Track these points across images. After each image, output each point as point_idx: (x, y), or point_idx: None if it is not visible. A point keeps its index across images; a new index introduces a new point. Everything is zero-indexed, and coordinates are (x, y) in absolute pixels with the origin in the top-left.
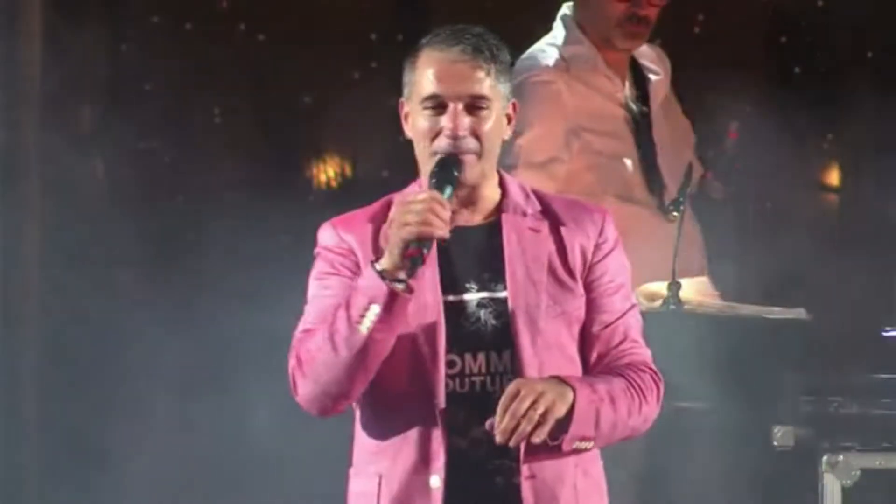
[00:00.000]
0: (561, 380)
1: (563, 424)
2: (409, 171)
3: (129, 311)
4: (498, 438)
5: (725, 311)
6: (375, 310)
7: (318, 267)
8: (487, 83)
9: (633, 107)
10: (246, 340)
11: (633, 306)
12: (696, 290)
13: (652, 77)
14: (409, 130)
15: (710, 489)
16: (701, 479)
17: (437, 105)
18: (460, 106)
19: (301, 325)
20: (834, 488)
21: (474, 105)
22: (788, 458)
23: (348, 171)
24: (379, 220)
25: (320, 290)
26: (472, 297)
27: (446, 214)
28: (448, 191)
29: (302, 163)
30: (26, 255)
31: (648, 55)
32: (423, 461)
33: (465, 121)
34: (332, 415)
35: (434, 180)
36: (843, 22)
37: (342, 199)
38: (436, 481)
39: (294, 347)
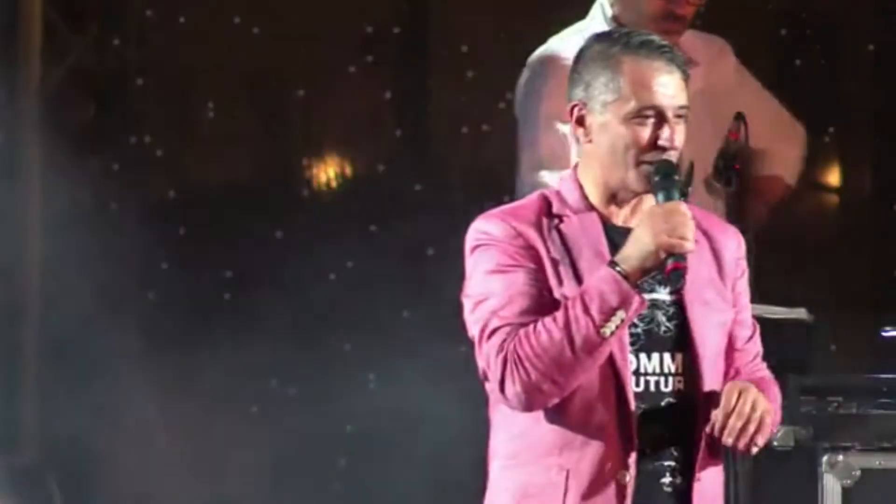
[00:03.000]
0: (753, 383)
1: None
2: (404, 165)
3: (130, 311)
4: (725, 439)
5: None
6: (622, 315)
7: (493, 258)
8: (686, 93)
9: None
10: (243, 334)
11: (755, 323)
12: None
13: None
14: (585, 135)
15: None
16: None
17: (655, 116)
18: (672, 118)
19: (492, 319)
20: (834, 488)
21: (680, 115)
22: (788, 458)
23: (344, 165)
24: (546, 217)
25: (505, 282)
26: (646, 297)
27: (694, 227)
28: (677, 198)
29: (297, 157)
30: (26, 255)
31: (691, 43)
32: (615, 457)
33: (678, 131)
34: (540, 408)
35: (663, 190)
36: (844, 15)
37: (337, 194)
38: (626, 477)
39: (504, 341)
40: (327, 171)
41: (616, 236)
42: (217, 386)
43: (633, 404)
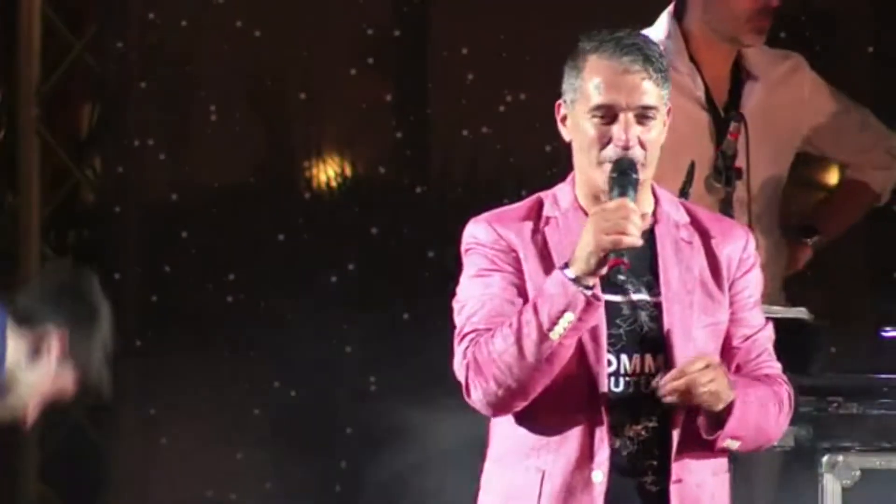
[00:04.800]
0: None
1: (721, 420)
2: (404, 167)
3: (130, 312)
4: (662, 390)
5: None
6: (570, 318)
7: (476, 263)
8: (655, 93)
9: (716, 108)
10: (245, 337)
11: (768, 321)
12: None
13: (749, 82)
14: (567, 133)
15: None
16: None
17: (607, 114)
18: (630, 116)
19: (466, 324)
20: (834, 488)
21: (643, 115)
22: (788, 458)
23: (345, 167)
24: (533, 220)
25: (482, 287)
26: (629, 298)
27: (640, 222)
28: (632, 195)
29: (298, 159)
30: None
31: (754, 58)
32: (587, 457)
33: (635, 130)
34: (506, 414)
35: (617, 187)
36: (844, 17)
37: (338, 196)
38: (598, 476)
39: (466, 348)
40: (328, 174)
41: None
42: (219, 388)
43: (605, 405)
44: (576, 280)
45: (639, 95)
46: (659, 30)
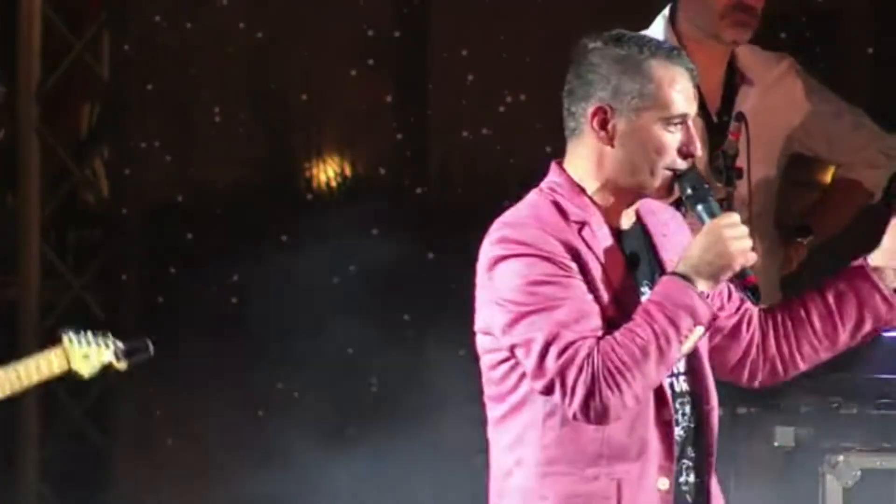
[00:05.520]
0: None
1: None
2: (404, 168)
3: (136, 313)
4: None
5: None
6: (700, 331)
7: (541, 268)
8: None
9: (708, 113)
10: (249, 338)
11: None
12: None
13: (744, 86)
14: (610, 139)
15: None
16: None
17: (681, 122)
18: (691, 124)
19: (569, 332)
20: (834, 488)
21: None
22: (789, 459)
23: (345, 168)
24: (569, 225)
25: (566, 293)
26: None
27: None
28: (717, 208)
29: (300, 161)
30: (26, 255)
31: (749, 61)
32: (657, 465)
33: None
34: (612, 422)
35: (704, 202)
36: (844, 18)
37: (339, 197)
38: (664, 483)
39: (586, 356)
40: (329, 175)
41: (624, 240)
42: (223, 389)
43: (672, 413)
44: (703, 294)
45: (695, 104)
46: (655, 34)
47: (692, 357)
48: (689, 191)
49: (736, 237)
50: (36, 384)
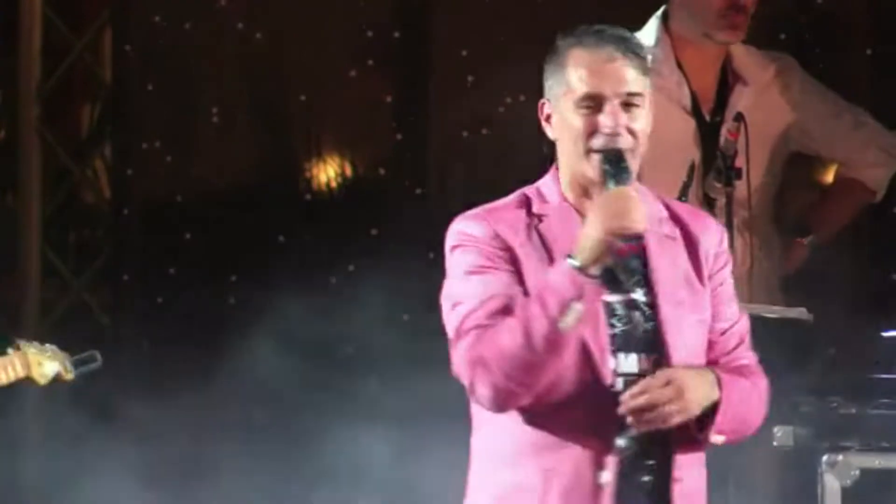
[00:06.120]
0: (713, 373)
1: (710, 416)
2: (405, 169)
3: (129, 314)
4: (622, 409)
5: None
6: (578, 307)
7: (471, 259)
8: (639, 80)
9: (702, 113)
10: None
11: (742, 313)
12: None
13: (738, 86)
14: (553, 131)
15: (709, 489)
16: None
17: (594, 104)
18: (617, 104)
19: (465, 322)
20: (834, 488)
21: (629, 102)
22: (788, 458)
23: (345, 168)
24: (525, 216)
25: (481, 284)
26: (624, 297)
27: (644, 209)
28: (627, 184)
29: (299, 161)
30: (26, 255)
31: (744, 62)
32: (594, 457)
33: (623, 118)
34: (511, 409)
35: (611, 178)
36: (844, 18)
37: (338, 197)
38: (605, 476)
39: (470, 344)
40: (329, 175)
41: None
42: (220, 388)
43: (609, 404)
44: (582, 270)
45: (624, 83)
46: (648, 35)
47: (665, 359)
48: (604, 167)
49: (610, 208)
50: None
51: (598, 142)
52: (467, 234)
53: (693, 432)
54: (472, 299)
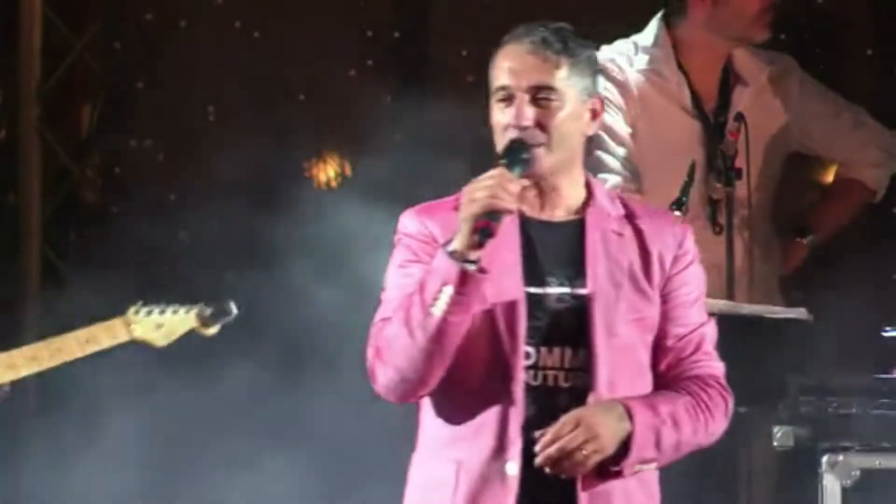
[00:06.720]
0: (622, 404)
1: (624, 450)
2: (405, 169)
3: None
4: (538, 461)
5: (726, 311)
6: (449, 291)
7: (400, 255)
8: (557, 74)
9: (705, 114)
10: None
11: (710, 319)
12: None
13: (738, 87)
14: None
15: (709, 489)
16: (700, 478)
17: (507, 97)
18: (526, 97)
19: (380, 314)
20: (834, 488)
21: (540, 96)
22: (788, 458)
23: (345, 169)
24: (452, 216)
25: (401, 278)
26: (553, 291)
27: (515, 188)
28: (517, 171)
29: (297, 161)
30: (26, 255)
31: (744, 63)
32: (501, 448)
33: (529, 111)
34: (412, 401)
35: (504, 161)
36: (844, 18)
37: (338, 198)
38: (512, 468)
39: (372, 336)
40: (327, 175)
41: (530, 228)
42: (219, 388)
43: (519, 397)
44: (456, 253)
45: (535, 75)
46: (647, 36)
47: (591, 357)
48: (502, 159)
49: (470, 189)
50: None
51: (507, 135)
52: (402, 229)
53: (608, 468)
54: (392, 291)
